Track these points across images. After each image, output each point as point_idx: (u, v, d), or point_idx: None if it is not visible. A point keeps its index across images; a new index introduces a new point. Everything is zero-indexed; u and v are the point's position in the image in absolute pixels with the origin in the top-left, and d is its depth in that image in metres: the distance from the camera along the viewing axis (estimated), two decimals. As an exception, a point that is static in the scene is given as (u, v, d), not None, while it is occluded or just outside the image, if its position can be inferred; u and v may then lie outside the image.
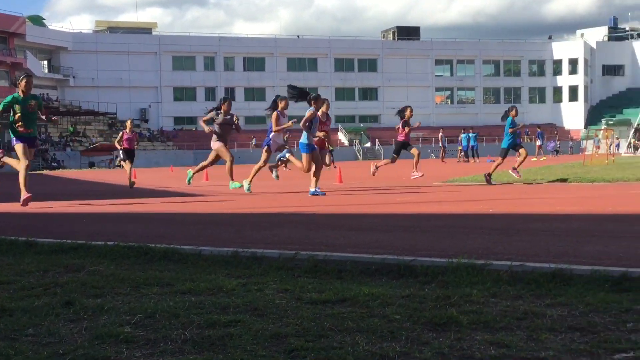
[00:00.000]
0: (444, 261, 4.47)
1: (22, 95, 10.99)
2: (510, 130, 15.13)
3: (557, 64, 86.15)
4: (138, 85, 75.27)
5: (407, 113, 17.03)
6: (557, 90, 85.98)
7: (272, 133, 13.73)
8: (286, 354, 2.73)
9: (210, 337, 2.96)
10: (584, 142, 45.31)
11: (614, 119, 79.00)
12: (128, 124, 19.11)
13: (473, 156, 40.37)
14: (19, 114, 10.92)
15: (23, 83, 10.98)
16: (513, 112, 15.27)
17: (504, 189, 12.85)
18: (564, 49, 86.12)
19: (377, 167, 17.22)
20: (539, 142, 42.36)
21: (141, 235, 6.66)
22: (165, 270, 4.69)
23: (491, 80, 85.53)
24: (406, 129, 17.10)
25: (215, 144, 13.98)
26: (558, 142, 60.76)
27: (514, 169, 15.53)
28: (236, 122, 14.09)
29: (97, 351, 2.81)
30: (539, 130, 43.65)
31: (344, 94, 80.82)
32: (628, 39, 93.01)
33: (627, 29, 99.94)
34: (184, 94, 77.72)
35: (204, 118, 14.10)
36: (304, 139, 12.67)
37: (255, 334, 2.99)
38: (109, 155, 59.05)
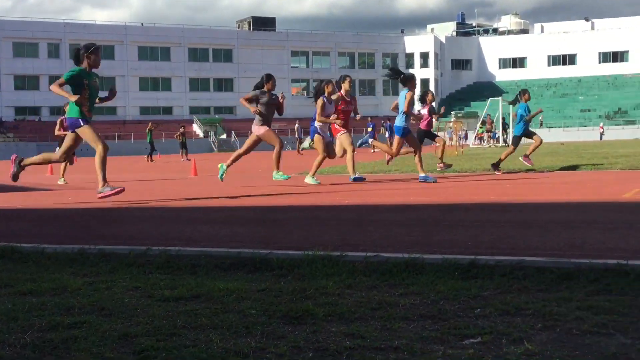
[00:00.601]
0: (300, 253, 4.49)
1: (88, 70, 9.15)
2: (527, 117, 13.92)
3: (410, 57, 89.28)
4: (-26, 72, 70.91)
5: (430, 97, 15.22)
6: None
7: (317, 123, 12.35)
8: (136, 354, 2.64)
9: (53, 340, 2.81)
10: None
11: (462, 111, 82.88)
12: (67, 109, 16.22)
13: (329, 148, 40.99)
14: (87, 92, 9.08)
15: (93, 56, 9.11)
16: (526, 96, 14.10)
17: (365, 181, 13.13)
18: (416, 43, 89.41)
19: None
20: (387, 135, 43.61)
21: (-23, 234, 6.25)
22: (4, 270, 4.42)
23: (347, 72, 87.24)
24: (434, 117, 15.41)
25: (261, 129, 11.87)
26: None
27: (526, 156, 14.46)
28: (282, 101, 12.04)
29: None
30: (389, 122, 44.92)
31: (198, 84, 79.88)
32: (475, 35, 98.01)
33: (474, 24, 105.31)
34: (25, 82, 73.93)
35: (246, 97, 12.04)
36: (399, 122, 12.25)
37: (102, 335, 2.87)
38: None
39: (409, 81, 11.92)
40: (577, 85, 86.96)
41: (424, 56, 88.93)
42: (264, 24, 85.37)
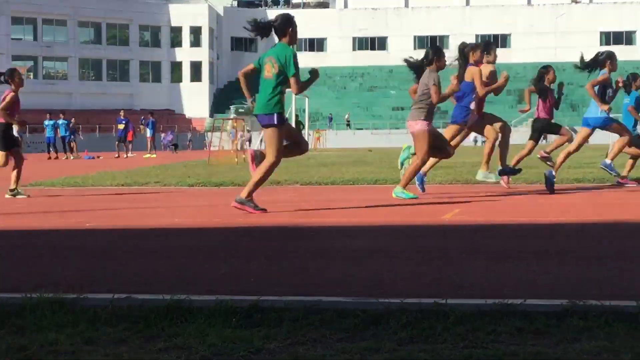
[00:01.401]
0: (18, 297, 4.34)
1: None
2: (630, 108, 13.32)
3: (176, 32, 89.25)
4: None
5: (551, 76, 13.11)
6: (176, 67, 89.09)
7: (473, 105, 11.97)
8: None
9: None
10: (209, 134, 47.37)
11: (245, 105, 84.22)
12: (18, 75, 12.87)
13: (65, 151, 39.80)
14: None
15: (295, 29, 10.37)
16: (638, 83, 13.58)
17: (113, 197, 12.91)
18: (184, 15, 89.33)
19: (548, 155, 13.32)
20: (149, 134, 42.80)
21: None
22: None
23: (90, 50, 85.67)
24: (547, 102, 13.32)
25: (418, 124, 11.36)
26: (169, 135, 62.81)
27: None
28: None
29: None
30: (151, 118, 44.24)
31: None
32: (262, 7, 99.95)
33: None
34: None
35: (439, 93, 11.13)
36: (594, 112, 12.16)
37: None
38: None
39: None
40: (388, 77, 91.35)
41: (195, 32, 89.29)
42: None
